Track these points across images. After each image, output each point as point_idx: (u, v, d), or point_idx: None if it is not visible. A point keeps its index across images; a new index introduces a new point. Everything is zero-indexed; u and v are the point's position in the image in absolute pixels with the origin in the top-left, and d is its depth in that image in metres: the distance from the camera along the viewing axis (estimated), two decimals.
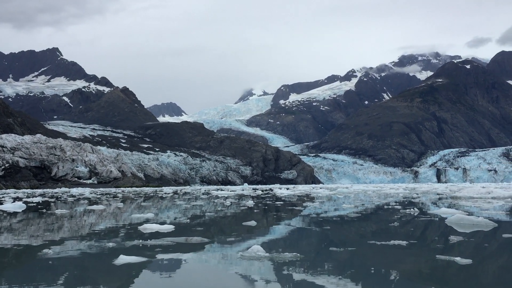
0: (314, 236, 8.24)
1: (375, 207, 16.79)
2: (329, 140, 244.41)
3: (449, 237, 7.50)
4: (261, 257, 5.51)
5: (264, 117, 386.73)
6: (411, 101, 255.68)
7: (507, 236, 7.62)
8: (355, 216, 12.30)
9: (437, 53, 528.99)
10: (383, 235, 8.18)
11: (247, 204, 18.72)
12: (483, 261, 5.58)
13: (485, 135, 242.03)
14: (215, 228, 9.75)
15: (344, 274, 4.87)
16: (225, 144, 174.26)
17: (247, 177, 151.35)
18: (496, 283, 4.59)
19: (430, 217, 11.23)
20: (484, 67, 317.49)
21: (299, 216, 12.82)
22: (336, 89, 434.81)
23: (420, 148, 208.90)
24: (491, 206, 15.57)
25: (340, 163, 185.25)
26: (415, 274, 5.02)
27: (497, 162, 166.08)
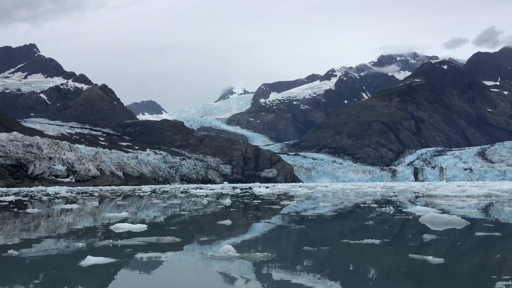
0: (288, 235, 8.18)
1: (352, 205, 16.85)
2: (309, 139, 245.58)
3: (423, 235, 7.52)
4: (231, 257, 5.41)
5: (244, 116, 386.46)
6: (389, 100, 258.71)
7: (480, 234, 7.68)
8: (331, 215, 12.30)
9: (415, 53, 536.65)
10: (358, 234, 8.16)
11: (224, 202, 18.60)
12: (455, 260, 5.58)
13: (461, 134, 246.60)
14: (189, 228, 9.61)
15: (314, 274, 4.80)
16: (205, 143, 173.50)
17: (227, 176, 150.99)
18: (467, 283, 4.59)
19: (405, 216, 11.29)
20: (460, 67, 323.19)
21: (276, 215, 12.77)
22: (316, 88, 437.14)
23: (398, 147, 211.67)
24: (465, 205, 15.78)
25: (320, 161, 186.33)
26: (388, 274, 4.98)
27: (472, 161, 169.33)
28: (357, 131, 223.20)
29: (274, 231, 8.86)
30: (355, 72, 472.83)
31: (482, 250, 6.44)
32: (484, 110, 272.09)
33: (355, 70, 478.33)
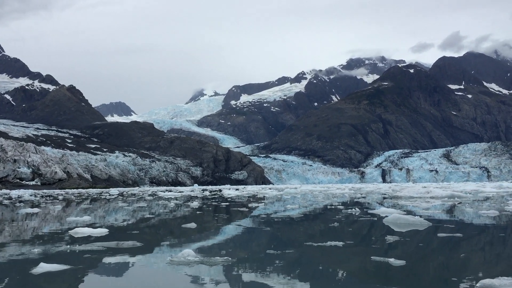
0: (252, 239, 8.10)
1: (319, 207, 16.92)
2: (279, 141, 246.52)
3: (386, 237, 7.57)
4: (191, 262, 5.28)
5: (215, 118, 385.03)
6: (358, 103, 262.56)
7: (442, 235, 7.78)
8: (297, 217, 12.28)
9: (383, 57, 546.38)
10: (322, 236, 8.15)
11: (192, 205, 18.39)
12: (416, 262, 5.60)
13: (427, 136, 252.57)
14: (152, 231, 9.40)
15: (273, 278, 4.72)
16: (175, 145, 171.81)
17: (198, 178, 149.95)
18: (427, 285, 4.59)
19: (369, 217, 11.37)
20: (426, 71, 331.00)
21: (242, 218, 12.67)
22: (287, 91, 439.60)
23: (367, 149, 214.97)
24: (428, 206, 16.06)
25: (290, 163, 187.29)
26: (349, 277, 4.95)
27: (438, 162, 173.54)
28: (326, 133, 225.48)
29: (239, 234, 8.77)
30: (325, 75, 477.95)
31: (443, 252, 6.50)
32: (449, 113, 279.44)
33: (325, 73, 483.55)
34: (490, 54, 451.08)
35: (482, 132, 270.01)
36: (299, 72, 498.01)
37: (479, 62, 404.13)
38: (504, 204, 15.76)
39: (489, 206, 15.15)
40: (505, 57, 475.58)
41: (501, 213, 12.21)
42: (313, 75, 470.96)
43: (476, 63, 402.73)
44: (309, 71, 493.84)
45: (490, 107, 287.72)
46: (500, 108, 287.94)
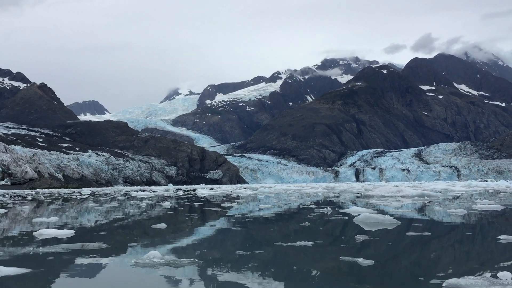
0: (222, 239, 8.01)
1: (292, 207, 16.95)
2: (254, 141, 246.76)
3: (356, 236, 7.59)
4: (156, 264, 5.15)
5: (190, 117, 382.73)
6: (332, 103, 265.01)
7: (411, 234, 7.84)
8: (269, 216, 12.26)
9: (357, 57, 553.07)
10: (292, 236, 8.13)
11: (164, 205, 18.17)
12: (385, 262, 5.61)
13: (400, 136, 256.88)
14: (121, 233, 9.20)
15: (239, 279, 4.65)
16: (149, 144, 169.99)
17: (172, 177, 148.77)
18: (395, 285, 4.60)
19: (341, 216, 11.42)
20: (399, 72, 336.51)
21: (214, 218, 12.57)
22: (262, 90, 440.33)
23: (341, 149, 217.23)
24: (399, 205, 16.27)
25: (265, 163, 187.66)
26: (317, 277, 4.91)
27: (410, 162, 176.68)
28: (301, 133, 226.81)
29: (210, 235, 8.67)
30: (299, 75, 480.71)
31: (411, 251, 6.55)
32: (421, 113, 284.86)
33: (300, 73, 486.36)
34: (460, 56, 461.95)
35: (453, 132, 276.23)
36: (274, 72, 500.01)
37: (450, 64, 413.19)
38: (472, 203, 16.09)
39: (458, 205, 15.44)
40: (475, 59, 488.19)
41: (469, 211, 12.44)
42: (288, 75, 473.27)
43: (447, 64, 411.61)
44: (284, 71, 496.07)
45: (460, 108, 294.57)
46: (470, 109, 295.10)
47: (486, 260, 5.70)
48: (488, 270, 4.97)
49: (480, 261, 5.64)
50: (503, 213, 12.27)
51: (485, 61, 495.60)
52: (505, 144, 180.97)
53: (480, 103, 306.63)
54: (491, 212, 12.37)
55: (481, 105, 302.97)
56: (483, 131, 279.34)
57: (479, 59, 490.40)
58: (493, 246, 6.76)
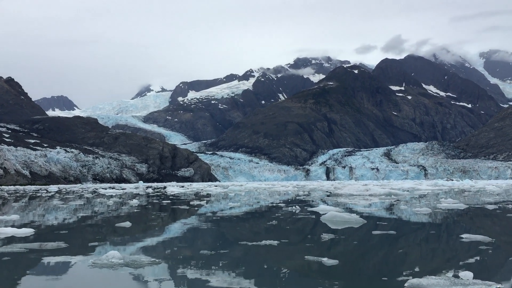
0: (186, 238, 7.86)
1: (261, 205, 16.91)
2: (226, 138, 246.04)
3: (322, 235, 7.58)
4: (114, 265, 4.98)
5: (161, 114, 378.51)
6: (304, 102, 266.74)
7: (376, 233, 7.89)
8: (237, 215, 12.17)
9: (329, 57, 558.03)
10: (258, 235, 8.07)
11: (131, 203, 17.85)
12: (349, 262, 5.60)
13: (370, 136, 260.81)
14: (82, 231, 8.95)
15: (198, 280, 4.54)
16: (120, 141, 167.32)
17: (143, 175, 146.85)
18: (357, 285, 4.58)
19: (308, 215, 11.44)
20: (370, 72, 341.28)
21: (180, 216, 12.40)
22: (235, 88, 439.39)
23: (312, 147, 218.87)
24: (366, 203, 16.45)
25: (237, 161, 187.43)
26: (280, 277, 4.84)
27: (379, 161, 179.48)
28: (273, 131, 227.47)
29: (174, 234, 8.51)
30: (272, 73, 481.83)
31: (375, 250, 6.58)
32: (390, 113, 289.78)
33: (273, 71, 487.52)
34: (429, 58, 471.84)
35: (421, 132, 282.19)
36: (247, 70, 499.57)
37: (418, 65, 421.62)
38: (437, 202, 16.41)
39: (423, 204, 15.71)
40: (443, 60, 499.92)
41: (433, 210, 12.66)
42: (261, 73, 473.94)
43: (416, 65, 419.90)
44: (257, 69, 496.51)
45: (428, 108, 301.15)
46: (437, 110, 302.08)
47: (448, 259, 5.77)
48: (450, 269, 5.01)
49: (442, 260, 5.70)
50: (466, 212, 12.54)
51: (453, 63, 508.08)
52: (470, 144, 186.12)
53: (447, 104, 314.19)
54: (455, 211, 12.63)
55: (448, 106, 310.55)
56: (450, 132, 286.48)
57: (447, 61, 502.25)
58: (456, 245, 6.86)
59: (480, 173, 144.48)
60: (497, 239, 7.30)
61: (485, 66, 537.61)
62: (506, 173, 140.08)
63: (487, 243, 6.72)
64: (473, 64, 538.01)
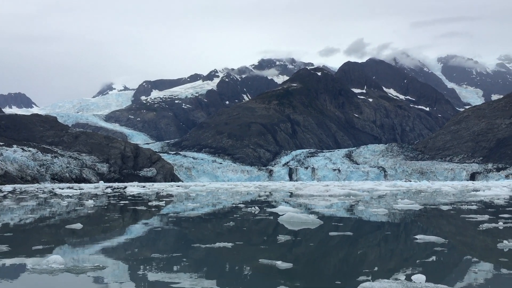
0: (137, 242, 7.56)
1: (220, 206, 16.71)
2: (190, 138, 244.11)
3: (278, 236, 7.47)
4: (54, 270, 4.68)
5: (124, 113, 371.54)
6: (268, 103, 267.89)
7: (332, 234, 7.84)
8: (195, 216, 11.93)
9: (293, 59, 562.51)
10: (213, 236, 7.88)
11: (87, 204, 17.27)
12: (303, 265, 5.48)
13: (332, 137, 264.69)
14: (29, 234, 8.49)
15: (145, 286, 4.32)
16: (80, 140, 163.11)
17: (104, 175, 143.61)
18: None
19: (267, 215, 11.33)
20: (332, 75, 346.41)
21: (135, 218, 12.05)
22: (199, 88, 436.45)
23: (275, 148, 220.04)
24: (325, 204, 16.52)
25: (200, 161, 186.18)
26: (230, 283, 4.69)
27: (341, 162, 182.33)
28: (237, 131, 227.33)
29: (125, 237, 8.20)
30: (237, 74, 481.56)
31: (330, 252, 6.51)
32: (352, 115, 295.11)
33: (237, 72, 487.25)
34: (389, 61, 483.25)
35: (381, 134, 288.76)
36: (211, 70, 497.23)
37: (380, 68, 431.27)
38: (394, 203, 16.66)
39: (380, 205, 15.92)
40: (403, 64, 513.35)
41: (390, 211, 12.82)
42: (225, 73, 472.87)
43: (377, 69, 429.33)
44: (222, 69, 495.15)
45: (388, 111, 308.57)
46: (397, 112, 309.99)
47: (402, 261, 5.75)
48: (403, 272, 4.98)
49: (396, 263, 5.68)
50: (421, 213, 12.75)
51: (412, 67, 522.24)
52: (428, 146, 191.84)
53: (406, 107, 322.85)
54: (410, 212, 12.82)
55: (407, 109, 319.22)
56: (409, 134, 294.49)
57: (406, 65, 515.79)
58: (410, 246, 6.89)
59: (437, 174, 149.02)
60: (450, 240, 7.40)
61: (443, 71, 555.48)
62: (461, 175, 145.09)
63: (441, 244, 6.79)
64: (432, 69, 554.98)
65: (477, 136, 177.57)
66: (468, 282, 4.67)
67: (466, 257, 6.04)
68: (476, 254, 6.17)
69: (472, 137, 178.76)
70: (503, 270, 5.12)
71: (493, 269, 5.18)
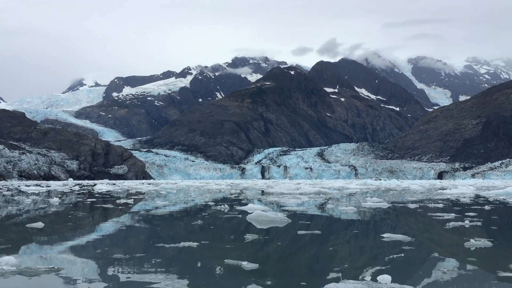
0: (98, 242, 7.28)
1: (190, 204, 16.49)
2: (162, 136, 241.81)
3: (245, 235, 7.35)
4: (5, 272, 4.40)
5: (95, 109, 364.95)
6: (241, 101, 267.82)
7: (300, 232, 7.77)
8: (162, 214, 11.70)
9: (267, 57, 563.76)
10: (179, 235, 7.70)
11: (52, 201, 16.78)
12: (268, 265, 5.36)
13: (304, 136, 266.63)
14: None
15: (104, 285, 4.12)
16: (49, 136, 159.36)
17: (74, 172, 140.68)
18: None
19: (236, 214, 11.21)
20: (305, 74, 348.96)
21: (101, 216, 11.73)
22: (172, 85, 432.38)
23: (248, 146, 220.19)
24: (295, 202, 16.51)
25: (172, 159, 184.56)
26: (192, 286, 4.55)
27: (312, 160, 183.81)
28: (210, 129, 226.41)
29: (86, 235, 7.91)
30: (210, 71, 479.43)
31: (297, 252, 6.42)
32: (324, 114, 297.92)
33: (210, 69, 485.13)
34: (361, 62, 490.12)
35: (352, 133, 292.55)
36: (184, 67, 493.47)
37: (351, 68, 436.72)
38: (363, 201, 16.79)
39: (349, 203, 16.01)
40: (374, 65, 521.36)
41: (358, 209, 12.88)
42: (199, 71, 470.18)
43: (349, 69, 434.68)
44: (195, 66, 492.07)
45: (359, 111, 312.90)
46: (368, 112, 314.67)
47: (368, 261, 5.70)
48: (369, 272, 4.93)
49: (363, 263, 5.62)
50: (389, 211, 12.86)
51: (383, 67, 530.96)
52: (397, 145, 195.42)
53: (377, 107, 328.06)
54: (378, 210, 12.92)
55: (378, 109, 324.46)
56: (379, 133, 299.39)
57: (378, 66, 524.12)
58: (377, 245, 6.87)
59: (406, 173, 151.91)
60: (416, 238, 7.43)
61: (413, 72, 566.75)
62: (429, 174, 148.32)
63: (407, 243, 6.80)
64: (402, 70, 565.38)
65: (445, 136, 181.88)
66: (434, 282, 4.66)
67: (433, 256, 6.05)
68: (443, 253, 6.19)
69: (440, 137, 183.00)
70: (469, 269, 5.13)
71: (459, 268, 5.19)
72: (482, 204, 15.37)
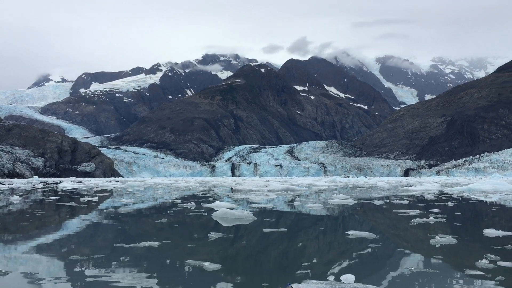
0: (54, 242, 6.94)
1: (156, 201, 16.19)
2: (131, 133, 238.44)
3: (209, 234, 7.19)
4: None
5: (61, 106, 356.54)
6: (212, 98, 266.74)
7: (266, 230, 7.66)
8: (126, 212, 11.40)
9: (237, 55, 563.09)
10: (140, 235, 7.47)
11: (11, 199, 16.19)
12: (231, 265, 5.21)
13: (274, 133, 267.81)
14: None
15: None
16: (14, 133, 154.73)
17: (39, 170, 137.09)
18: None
19: (201, 211, 11.03)
20: (276, 72, 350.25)
21: (61, 215, 11.34)
22: (141, 82, 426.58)
23: (218, 144, 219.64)
24: (263, 199, 16.43)
25: (142, 156, 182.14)
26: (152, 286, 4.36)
27: (282, 158, 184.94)
28: (180, 126, 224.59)
29: (43, 236, 7.56)
30: (180, 68, 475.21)
31: (261, 251, 6.28)
32: (294, 112, 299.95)
33: (181, 66, 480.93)
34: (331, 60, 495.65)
35: (322, 131, 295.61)
36: (154, 63, 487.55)
37: (321, 67, 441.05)
38: (330, 198, 16.87)
39: (317, 200, 16.05)
40: (343, 63, 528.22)
41: (325, 206, 12.89)
42: (169, 67, 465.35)
43: (319, 67, 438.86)
44: (165, 63, 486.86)
45: (329, 109, 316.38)
46: (337, 110, 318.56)
47: (333, 260, 5.63)
48: (333, 271, 4.85)
49: (327, 261, 5.53)
50: (355, 208, 12.93)
51: (352, 66, 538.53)
52: (365, 143, 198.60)
53: (346, 105, 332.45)
54: (345, 206, 12.97)
55: (347, 107, 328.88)
56: (348, 131, 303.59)
57: (347, 64, 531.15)
58: (342, 243, 6.83)
59: (373, 170, 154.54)
60: (381, 235, 7.43)
61: (381, 71, 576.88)
62: (396, 171, 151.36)
63: (372, 240, 6.78)
64: (370, 68, 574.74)
65: (411, 134, 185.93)
66: (399, 280, 4.61)
67: (398, 253, 6.03)
68: (408, 250, 6.19)
69: (406, 135, 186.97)
70: (435, 266, 5.12)
71: (425, 266, 5.17)
72: (445, 201, 15.67)
